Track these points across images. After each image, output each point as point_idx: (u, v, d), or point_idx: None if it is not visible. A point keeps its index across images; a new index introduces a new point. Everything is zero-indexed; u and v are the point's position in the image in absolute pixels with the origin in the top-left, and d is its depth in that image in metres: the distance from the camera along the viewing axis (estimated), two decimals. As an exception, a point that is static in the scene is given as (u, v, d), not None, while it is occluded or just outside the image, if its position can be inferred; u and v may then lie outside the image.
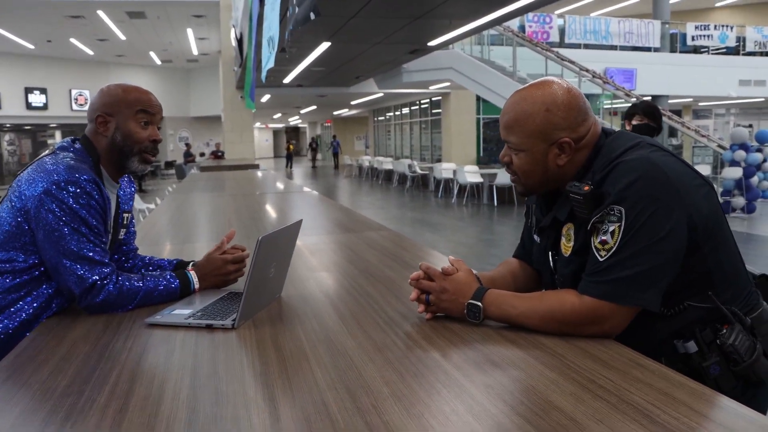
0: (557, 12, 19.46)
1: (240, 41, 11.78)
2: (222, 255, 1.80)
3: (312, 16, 2.76)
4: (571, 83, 1.52)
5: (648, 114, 3.74)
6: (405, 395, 1.07)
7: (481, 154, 21.21)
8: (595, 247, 1.35)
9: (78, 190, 1.54)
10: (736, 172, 10.46)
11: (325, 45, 10.12)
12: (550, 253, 1.54)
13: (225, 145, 18.13)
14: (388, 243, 2.63)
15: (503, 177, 14.25)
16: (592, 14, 21.54)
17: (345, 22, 8.27)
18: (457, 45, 14.41)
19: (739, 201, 10.51)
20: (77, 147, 1.69)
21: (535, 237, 1.63)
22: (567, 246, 1.47)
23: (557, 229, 1.51)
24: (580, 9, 21.86)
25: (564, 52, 16.31)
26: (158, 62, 25.22)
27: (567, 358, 1.21)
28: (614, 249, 1.31)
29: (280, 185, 6.31)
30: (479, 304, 1.41)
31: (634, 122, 3.72)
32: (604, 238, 1.33)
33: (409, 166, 19.47)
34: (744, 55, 20.54)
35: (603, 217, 1.34)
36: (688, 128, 14.51)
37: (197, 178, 7.56)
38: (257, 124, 20.25)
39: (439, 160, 20.93)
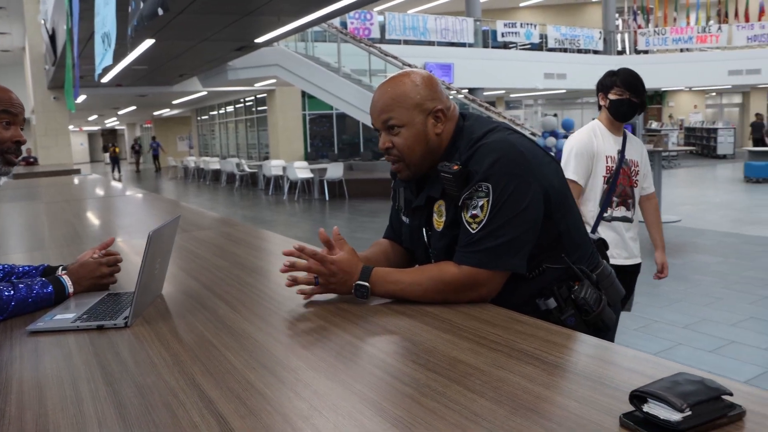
0: (377, 9, 20.02)
1: (53, 37, 10.99)
2: (96, 259, 1.76)
3: (160, 11, 2.70)
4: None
5: (629, 87, 2.90)
6: (321, 366, 1.15)
7: (309, 150, 21.37)
8: (467, 221, 1.50)
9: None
10: (548, 157, 11.35)
11: (148, 42, 9.74)
12: (424, 229, 1.68)
13: (38, 150, 16.82)
14: (247, 237, 2.66)
15: (333, 171, 14.50)
16: (410, 11, 22.40)
17: (171, 19, 8.03)
18: (281, 42, 14.41)
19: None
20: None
21: (404, 218, 1.77)
22: (439, 221, 1.61)
23: (429, 207, 1.65)
24: (398, 6, 22.62)
25: (386, 47, 16.86)
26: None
27: (455, 321, 1.35)
28: (484, 222, 1.47)
29: (113, 189, 6.03)
30: (366, 284, 1.51)
31: (611, 96, 2.94)
32: (474, 212, 1.48)
33: (237, 165, 19.19)
34: (547, 50, 22.38)
35: (472, 194, 1.49)
36: (504, 118, 15.56)
37: (10, 186, 7.00)
38: (70, 127, 18.85)
39: (266, 158, 20.82)
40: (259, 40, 10.90)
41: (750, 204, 11.52)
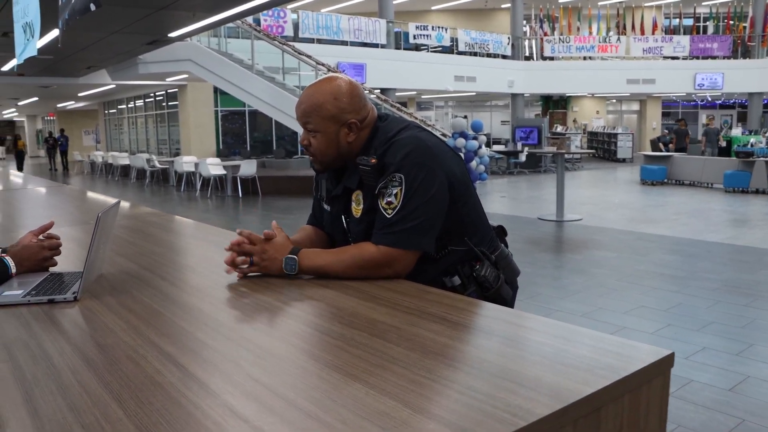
0: (290, 7, 20.03)
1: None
2: (38, 243, 1.87)
3: (92, 7, 2.76)
4: (349, 77, 1.88)
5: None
6: (260, 327, 1.34)
7: (221, 147, 21.17)
8: (382, 207, 1.72)
9: None
10: (458, 158, 11.80)
11: (55, 32, 9.49)
12: (343, 216, 1.89)
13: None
14: (175, 225, 2.80)
15: (247, 168, 14.49)
16: (323, 10, 22.51)
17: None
18: (194, 37, 14.26)
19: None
20: None
21: (325, 206, 1.98)
22: (357, 209, 1.83)
23: (347, 197, 1.86)
24: (312, 5, 22.70)
25: (299, 46, 16.94)
26: None
27: (373, 293, 1.57)
28: (398, 207, 1.69)
29: (21, 182, 5.92)
30: (295, 257, 1.71)
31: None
32: (389, 199, 1.70)
33: (148, 161, 18.82)
34: (457, 53, 22.99)
35: (387, 183, 1.71)
36: (415, 118, 15.94)
37: None
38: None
39: (177, 154, 20.48)
40: (173, 34, 10.82)
41: (645, 204, 12.33)
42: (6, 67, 14.06)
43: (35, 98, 26.50)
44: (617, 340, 1.21)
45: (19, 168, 25.75)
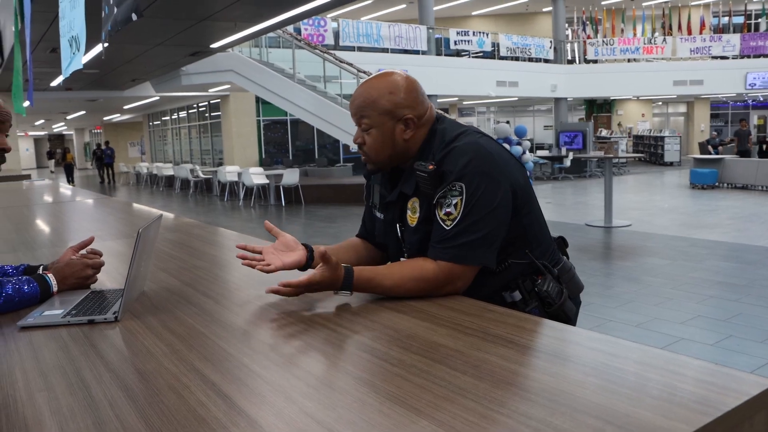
0: (330, 16, 20.09)
1: (-1, 39, 10.78)
2: (81, 259, 1.81)
3: (134, 17, 2.73)
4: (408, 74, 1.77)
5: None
6: (311, 351, 1.23)
7: (263, 156, 21.30)
8: (441, 218, 1.60)
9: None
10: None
11: (100, 46, 9.63)
12: (397, 225, 1.78)
13: (-18, 156, 16.34)
14: (219, 237, 2.73)
15: (289, 177, 14.51)
16: (364, 18, 22.53)
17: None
18: (236, 47, 14.38)
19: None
20: None
21: (378, 214, 1.87)
22: (413, 217, 1.71)
23: (402, 204, 1.75)
24: (351, 13, 22.74)
25: (340, 54, 16.94)
26: None
27: (431, 311, 1.45)
28: (458, 219, 1.57)
29: (67, 195, 5.97)
30: (349, 293, 1.55)
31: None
32: (448, 210, 1.59)
33: (192, 171, 19.02)
34: (499, 59, 22.76)
35: (446, 193, 1.59)
36: (457, 125, 15.78)
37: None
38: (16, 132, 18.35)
39: (221, 164, 20.68)
40: (214, 45, 10.89)
41: (696, 209, 11.95)
42: (54, 83, 14.34)
43: (83, 112, 27.08)
44: (709, 367, 1.07)
45: (69, 180, 26.25)
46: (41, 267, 1.85)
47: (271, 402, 1.00)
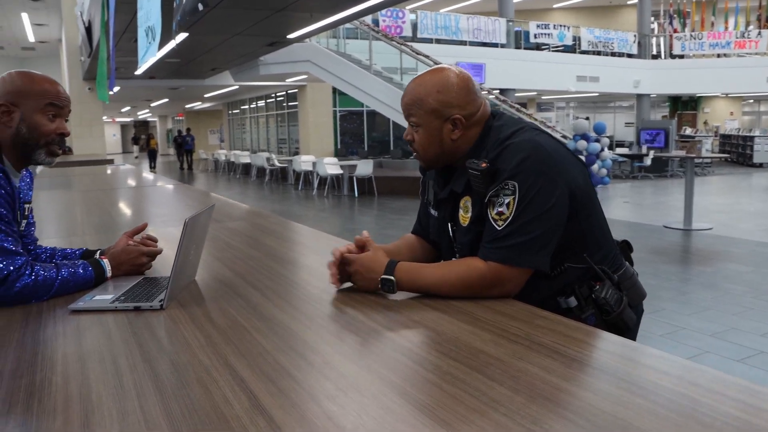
0: (409, 7, 20.03)
1: (89, 29, 11.20)
2: (137, 246, 1.83)
3: (200, 7, 2.77)
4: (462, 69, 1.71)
5: None
6: (348, 352, 1.20)
7: (339, 146, 21.46)
8: (492, 218, 1.53)
9: (-14, 180, 1.53)
10: (579, 161, 11.36)
11: (182, 36, 9.89)
12: (449, 224, 1.72)
13: (72, 140, 17.14)
14: (279, 228, 2.73)
15: (363, 168, 14.56)
16: (442, 10, 22.36)
17: (205, 13, 8.14)
18: (313, 38, 14.51)
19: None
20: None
21: (432, 211, 1.81)
22: (465, 217, 1.65)
23: (454, 202, 1.69)
24: (430, 5, 22.61)
25: (417, 46, 16.87)
26: (-14, 49, 23.27)
27: (477, 314, 1.39)
28: (510, 219, 1.50)
29: (145, 180, 6.15)
30: (392, 278, 1.55)
31: None
32: (500, 209, 1.52)
33: (268, 159, 19.34)
34: (580, 53, 22.18)
35: (498, 192, 1.53)
36: (535, 120, 15.51)
37: (46, 174, 7.18)
38: (103, 118, 19.22)
39: (296, 153, 20.96)
40: (291, 36, 11.00)
41: (784, 214, 11.34)
42: (138, 71, 14.84)
43: (166, 99, 27.97)
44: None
45: (151, 165, 27.25)
46: (98, 251, 1.88)
47: (295, 402, 0.97)
